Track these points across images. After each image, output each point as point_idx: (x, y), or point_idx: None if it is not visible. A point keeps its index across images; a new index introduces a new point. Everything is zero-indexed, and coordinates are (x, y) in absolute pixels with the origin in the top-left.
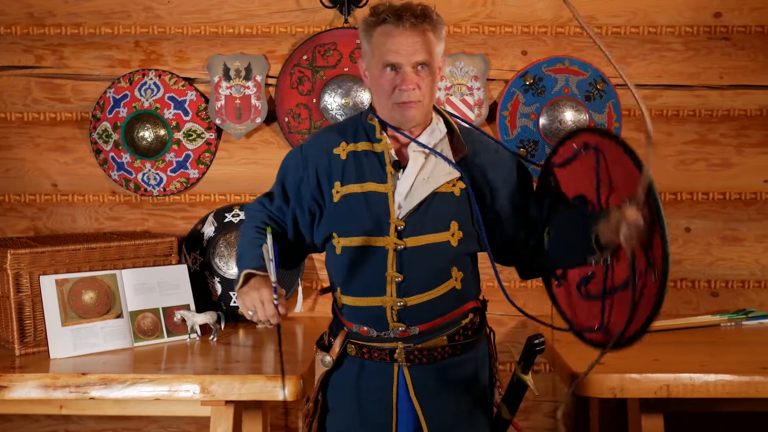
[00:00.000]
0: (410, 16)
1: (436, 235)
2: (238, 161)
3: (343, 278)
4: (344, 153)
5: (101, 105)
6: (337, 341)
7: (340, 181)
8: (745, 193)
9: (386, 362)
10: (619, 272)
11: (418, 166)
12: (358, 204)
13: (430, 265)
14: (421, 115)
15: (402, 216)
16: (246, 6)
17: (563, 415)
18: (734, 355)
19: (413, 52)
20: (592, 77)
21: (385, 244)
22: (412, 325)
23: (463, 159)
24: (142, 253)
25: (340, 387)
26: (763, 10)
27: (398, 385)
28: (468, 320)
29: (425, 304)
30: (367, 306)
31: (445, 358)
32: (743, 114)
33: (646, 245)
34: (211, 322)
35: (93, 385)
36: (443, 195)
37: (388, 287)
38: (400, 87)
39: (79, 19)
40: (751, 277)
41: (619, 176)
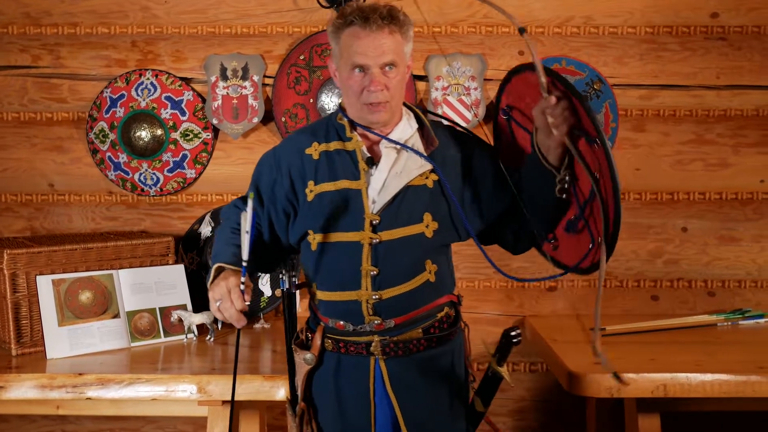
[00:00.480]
0: (377, 18)
1: (410, 228)
2: (235, 161)
3: (318, 274)
4: (316, 153)
5: (98, 105)
6: (317, 337)
7: (313, 180)
8: (742, 193)
9: (363, 356)
10: (583, 187)
11: (390, 161)
12: (332, 201)
13: (405, 258)
14: (389, 115)
15: (376, 210)
16: (243, 6)
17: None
18: (731, 355)
19: (380, 54)
20: (589, 77)
21: (361, 239)
22: (388, 318)
23: (434, 152)
24: (138, 253)
25: (321, 383)
26: (760, 10)
27: (375, 378)
28: (443, 314)
29: (400, 297)
30: (343, 300)
31: (421, 350)
32: (740, 114)
33: (577, 126)
34: (208, 322)
35: (90, 385)
36: (416, 188)
37: (363, 281)
38: (369, 88)
39: (75, 19)
40: (747, 276)
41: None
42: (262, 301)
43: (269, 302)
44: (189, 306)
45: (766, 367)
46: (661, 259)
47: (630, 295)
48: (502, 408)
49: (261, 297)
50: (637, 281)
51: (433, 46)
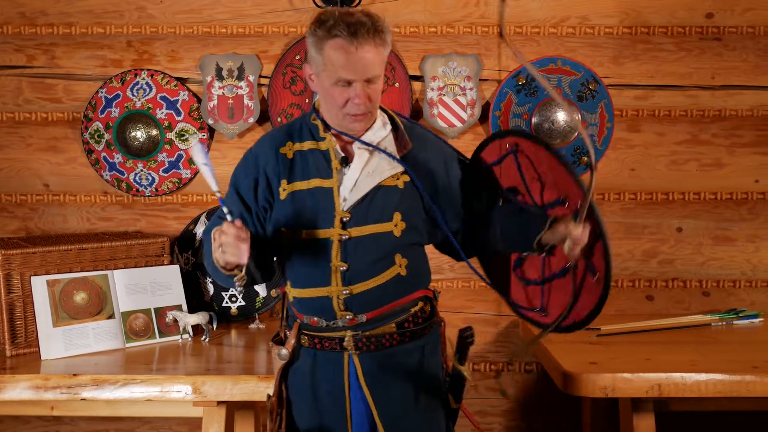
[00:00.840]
0: (364, 33)
1: (379, 225)
2: (230, 161)
3: (291, 271)
4: (290, 152)
5: (93, 105)
6: (292, 333)
7: (287, 179)
8: (737, 193)
9: (336, 351)
10: (556, 261)
11: (363, 160)
12: (304, 200)
13: (374, 253)
14: (368, 123)
15: (347, 208)
16: (239, 6)
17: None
18: (725, 355)
19: (365, 70)
20: (585, 77)
21: (330, 236)
22: (360, 313)
23: (407, 154)
24: (133, 254)
25: (297, 379)
26: (755, 10)
27: (349, 373)
28: (418, 308)
29: (371, 292)
30: (315, 297)
31: (394, 345)
32: (735, 114)
33: (587, 255)
34: (203, 322)
35: (84, 386)
36: (388, 188)
37: (333, 277)
38: (353, 101)
39: (71, 19)
40: (742, 276)
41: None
42: (257, 302)
43: (264, 303)
44: (184, 306)
45: (760, 366)
46: (656, 259)
47: (625, 295)
48: (496, 408)
49: (256, 298)
50: (632, 281)
51: (429, 46)
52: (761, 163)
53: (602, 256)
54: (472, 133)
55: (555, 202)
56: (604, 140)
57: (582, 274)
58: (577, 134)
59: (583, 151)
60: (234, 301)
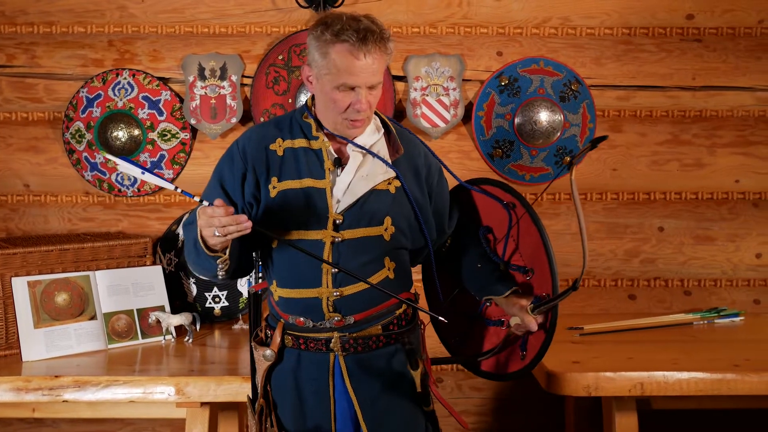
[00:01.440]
0: (372, 41)
1: (371, 229)
2: (213, 161)
3: (279, 271)
4: (281, 149)
5: (74, 105)
6: (277, 334)
7: (277, 177)
8: (717, 192)
9: (322, 352)
10: (494, 312)
11: (357, 163)
12: (296, 199)
13: (365, 256)
14: (365, 127)
15: (340, 210)
16: (221, 6)
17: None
18: (707, 353)
19: (371, 76)
20: (567, 78)
21: (323, 237)
22: (347, 315)
23: (399, 159)
24: (116, 254)
25: (281, 380)
26: (734, 12)
27: (334, 374)
28: (402, 311)
29: (360, 294)
30: (304, 297)
31: (380, 347)
32: (715, 115)
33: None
34: (186, 323)
35: (66, 387)
36: (380, 192)
37: (324, 278)
38: (355, 107)
39: (51, 18)
40: (723, 275)
41: (528, 248)
42: (241, 303)
43: (248, 303)
44: (167, 307)
45: (741, 365)
46: (638, 258)
47: (607, 295)
48: (481, 407)
49: (239, 298)
50: (615, 281)
51: (412, 47)
52: (741, 163)
53: (538, 349)
54: (455, 133)
55: (519, 267)
56: (586, 141)
57: (515, 341)
58: (559, 134)
59: (565, 152)
60: (217, 301)
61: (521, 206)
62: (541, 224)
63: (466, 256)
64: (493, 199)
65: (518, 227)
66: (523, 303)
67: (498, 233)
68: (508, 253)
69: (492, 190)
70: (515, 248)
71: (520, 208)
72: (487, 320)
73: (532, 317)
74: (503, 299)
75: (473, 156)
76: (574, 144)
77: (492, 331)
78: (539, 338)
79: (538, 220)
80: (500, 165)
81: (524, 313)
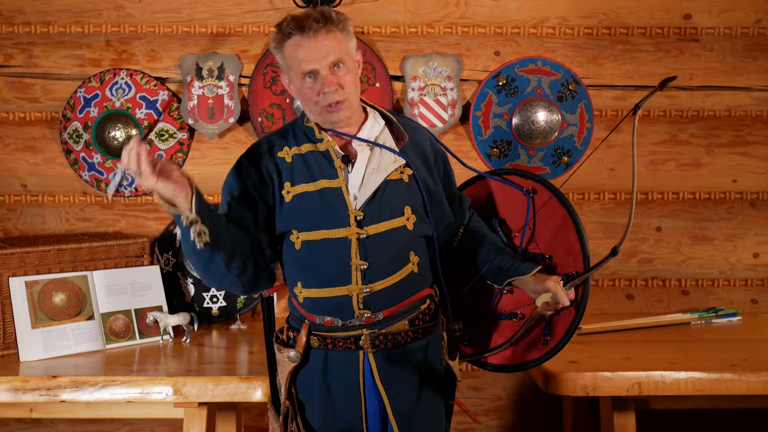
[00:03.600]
0: (312, 23)
1: (393, 221)
2: (210, 161)
3: (304, 272)
4: (288, 156)
5: (72, 105)
6: (302, 335)
7: (290, 182)
8: (715, 192)
9: (351, 350)
10: (506, 302)
11: (366, 157)
12: (313, 201)
13: (391, 250)
14: (349, 111)
15: (359, 206)
16: (218, 5)
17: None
18: (704, 353)
19: (325, 55)
20: (564, 78)
21: (347, 234)
22: (377, 311)
23: (405, 146)
24: (113, 254)
25: (307, 381)
26: (732, 12)
27: (364, 371)
28: (426, 305)
29: (389, 289)
30: (332, 296)
31: (408, 342)
32: (712, 115)
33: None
34: (184, 323)
35: (64, 387)
36: (394, 182)
37: (354, 275)
38: (323, 90)
39: (48, 18)
40: (720, 275)
41: (546, 233)
42: (239, 303)
43: (245, 303)
44: (164, 307)
45: (738, 365)
46: (635, 258)
47: (605, 294)
48: (479, 407)
49: (237, 298)
50: (612, 280)
51: (410, 46)
52: (739, 163)
53: (566, 329)
54: (453, 134)
55: (536, 255)
56: (584, 140)
57: (532, 330)
58: (557, 134)
59: (563, 152)
60: (215, 301)
61: (545, 190)
62: (567, 201)
63: (481, 243)
64: (513, 186)
65: (535, 216)
66: (553, 278)
67: (513, 224)
68: (525, 242)
69: (511, 178)
70: (531, 237)
71: (543, 192)
72: (499, 314)
73: (564, 291)
74: (530, 278)
75: (471, 156)
76: (572, 144)
77: (504, 325)
78: (567, 317)
79: (564, 198)
80: (498, 165)
81: (557, 286)
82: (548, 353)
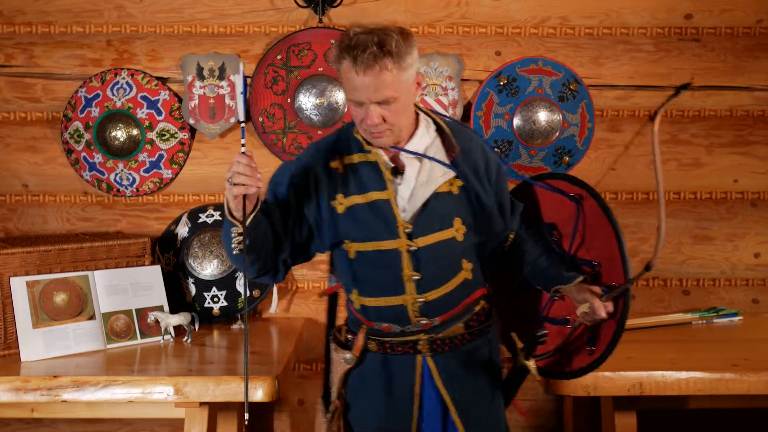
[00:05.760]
0: (365, 58)
1: (442, 233)
2: (211, 161)
3: (359, 281)
4: (341, 166)
5: (72, 104)
6: (359, 338)
7: (342, 193)
8: (716, 192)
9: (409, 354)
10: (559, 307)
11: (415, 169)
12: (364, 212)
13: (443, 261)
14: (393, 138)
15: (408, 219)
16: (219, 5)
17: None
18: (705, 353)
19: (372, 93)
20: (565, 78)
21: (398, 246)
22: (432, 317)
23: (456, 159)
24: (114, 254)
25: (363, 382)
26: (733, 11)
27: (423, 374)
28: (480, 307)
29: (443, 297)
30: (388, 305)
31: (464, 344)
32: (713, 114)
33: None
34: (185, 323)
35: (65, 387)
36: (443, 194)
37: (407, 286)
38: (366, 121)
39: (49, 18)
40: (721, 275)
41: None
42: (240, 302)
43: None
44: (166, 307)
45: (739, 364)
46: (636, 258)
47: None
48: None
49: (238, 298)
50: None
51: None
52: (740, 163)
53: (608, 342)
54: None
55: (585, 261)
56: (585, 140)
57: (579, 338)
58: (558, 134)
59: (564, 152)
60: (216, 301)
61: (589, 196)
62: (610, 211)
63: (530, 250)
64: (559, 193)
65: (584, 221)
66: (594, 289)
67: (563, 229)
68: (574, 247)
69: (557, 184)
70: (581, 242)
71: (588, 198)
72: (552, 320)
73: (601, 303)
74: (573, 287)
75: None
76: (573, 144)
77: (555, 331)
78: (609, 330)
79: (606, 208)
80: None
81: (594, 298)
82: (592, 364)
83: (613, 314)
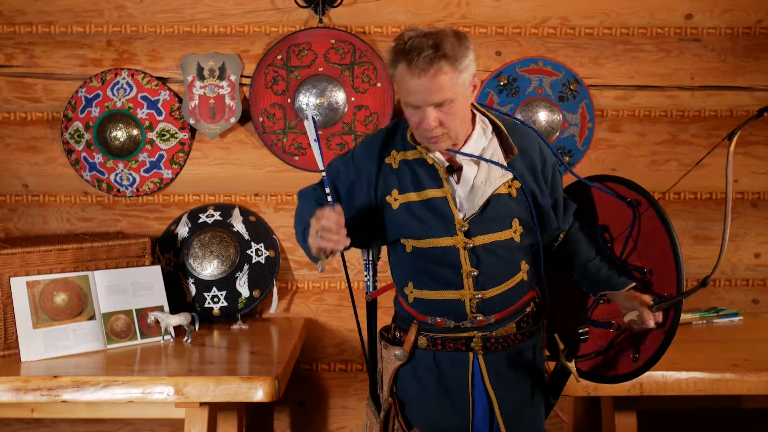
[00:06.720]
0: (420, 61)
1: (500, 234)
2: (212, 161)
3: (416, 275)
4: (396, 162)
5: (73, 105)
6: (410, 334)
7: (397, 189)
8: (716, 192)
9: (461, 351)
10: (603, 310)
11: (473, 170)
12: (420, 209)
13: (502, 260)
14: (449, 142)
15: (465, 218)
16: (220, 5)
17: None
18: (705, 353)
19: (428, 96)
20: (566, 78)
21: (455, 243)
22: (489, 314)
23: (514, 160)
24: (114, 254)
25: (411, 379)
26: (733, 11)
27: (473, 373)
28: (530, 308)
29: (500, 295)
30: (445, 299)
31: (515, 344)
32: (714, 114)
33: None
34: (185, 323)
35: (65, 387)
36: (501, 196)
37: (466, 281)
38: (421, 125)
39: (50, 18)
40: (721, 275)
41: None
42: (240, 303)
43: (247, 303)
44: (166, 307)
45: (739, 365)
46: None
47: None
48: None
49: (238, 298)
50: None
51: None
52: (741, 163)
53: (654, 351)
54: None
55: (636, 267)
56: (585, 140)
57: (621, 343)
58: (558, 134)
59: (564, 152)
60: (216, 301)
61: (646, 203)
62: (668, 220)
63: (580, 251)
64: (615, 196)
65: (639, 227)
66: (645, 298)
67: (615, 232)
68: (626, 252)
69: (615, 187)
70: (633, 248)
71: (645, 205)
72: (595, 322)
73: (651, 314)
74: (622, 294)
75: None
76: (573, 144)
77: (598, 333)
78: (656, 340)
79: (665, 216)
80: None
81: (644, 308)
82: (635, 371)
83: (662, 324)
